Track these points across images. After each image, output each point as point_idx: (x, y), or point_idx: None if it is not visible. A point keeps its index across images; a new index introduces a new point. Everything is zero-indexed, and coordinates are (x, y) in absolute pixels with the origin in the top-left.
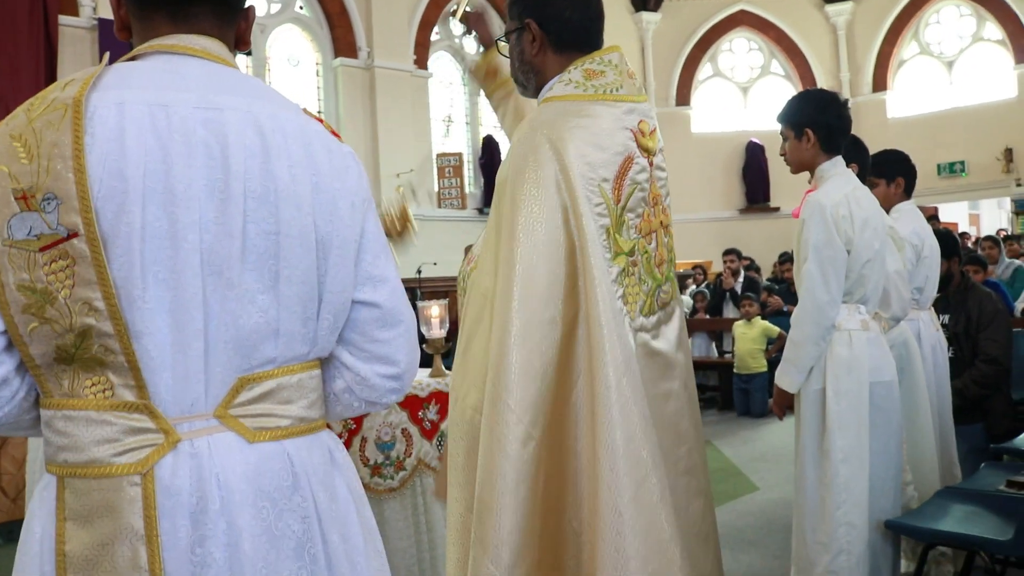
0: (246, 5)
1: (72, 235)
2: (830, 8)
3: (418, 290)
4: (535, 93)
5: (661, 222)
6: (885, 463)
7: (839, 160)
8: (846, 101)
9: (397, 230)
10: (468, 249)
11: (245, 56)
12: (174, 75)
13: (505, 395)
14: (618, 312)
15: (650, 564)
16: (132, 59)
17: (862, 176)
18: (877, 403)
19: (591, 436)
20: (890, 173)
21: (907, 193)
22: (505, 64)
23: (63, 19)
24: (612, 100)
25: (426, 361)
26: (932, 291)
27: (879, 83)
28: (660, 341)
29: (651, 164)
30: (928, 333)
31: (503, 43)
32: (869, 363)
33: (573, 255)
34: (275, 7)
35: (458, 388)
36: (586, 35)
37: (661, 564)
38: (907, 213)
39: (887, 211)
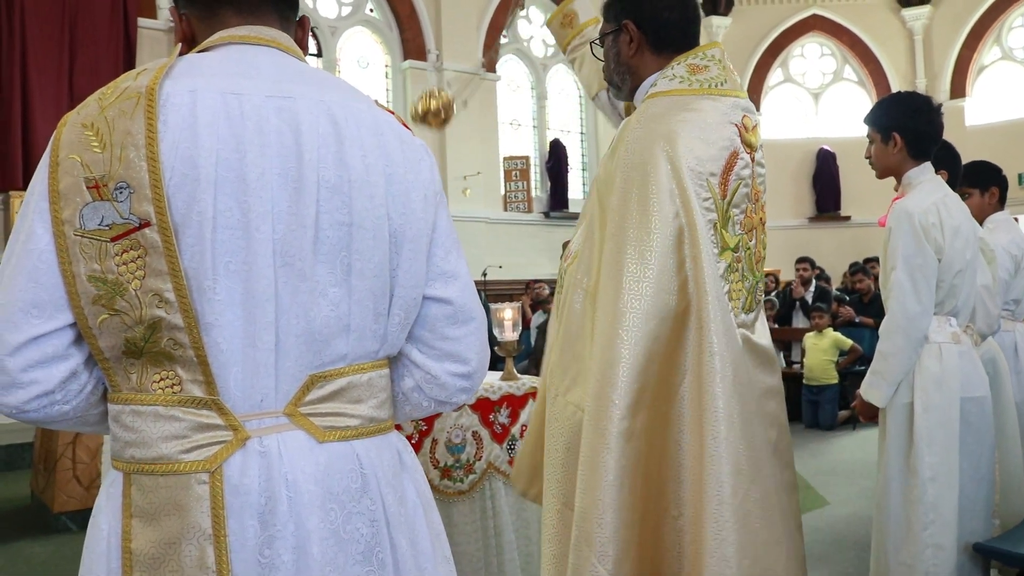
0: (299, 15)
1: (144, 224)
2: (907, 12)
3: (483, 292)
4: (630, 95)
5: (760, 219)
6: (976, 483)
7: (928, 166)
8: (939, 106)
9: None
10: (565, 245)
11: (316, 58)
12: (246, 64)
13: (610, 391)
14: (726, 307)
15: (748, 556)
16: (203, 51)
17: (952, 185)
18: (968, 420)
19: (698, 429)
20: (984, 183)
21: (1000, 203)
22: (583, 7)
23: (142, 21)
24: (718, 94)
25: (497, 363)
26: None
27: (957, 90)
28: (758, 337)
29: (753, 160)
30: None
31: (597, 46)
32: (960, 378)
33: (681, 247)
34: (346, 10)
35: (556, 384)
36: (683, 35)
37: (761, 558)
38: (1003, 223)
39: (981, 222)
